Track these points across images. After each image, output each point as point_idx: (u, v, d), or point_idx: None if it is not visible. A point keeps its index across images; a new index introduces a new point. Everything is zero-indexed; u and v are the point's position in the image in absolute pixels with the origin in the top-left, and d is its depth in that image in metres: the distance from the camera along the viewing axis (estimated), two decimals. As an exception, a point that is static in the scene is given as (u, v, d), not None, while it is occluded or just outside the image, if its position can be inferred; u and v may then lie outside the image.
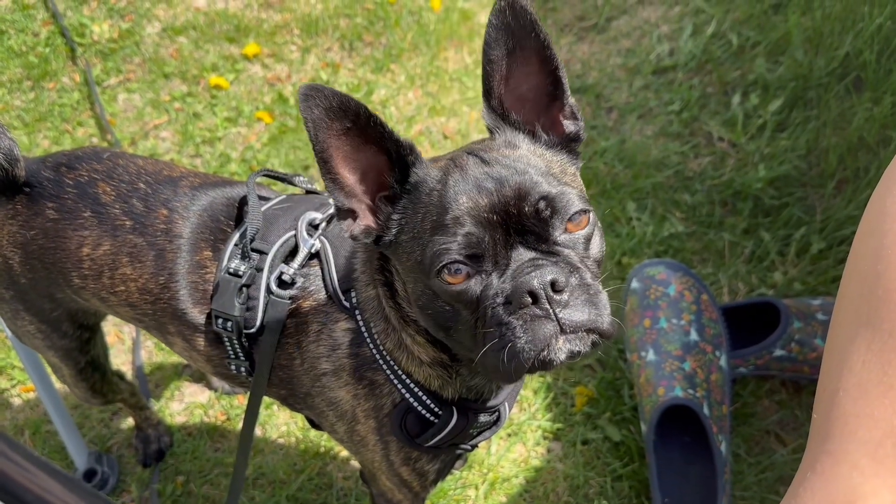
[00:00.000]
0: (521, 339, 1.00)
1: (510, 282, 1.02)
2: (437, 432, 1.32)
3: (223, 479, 2.13)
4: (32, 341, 1.65)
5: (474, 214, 1.03)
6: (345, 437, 1.42)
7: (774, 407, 2.17)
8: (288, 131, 2.90)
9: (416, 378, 1.29)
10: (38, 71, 3.14)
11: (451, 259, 1.02)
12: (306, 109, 1.00)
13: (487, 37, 1.07)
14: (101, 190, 1.42)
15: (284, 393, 1.42)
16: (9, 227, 1.46)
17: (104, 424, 2.26)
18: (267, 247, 1.34)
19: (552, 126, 1.16)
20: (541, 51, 1.08)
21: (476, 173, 1.07)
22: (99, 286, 1.42)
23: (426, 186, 1.10)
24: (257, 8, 3.34)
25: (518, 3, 1.04)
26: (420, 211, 1.09)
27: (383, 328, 1.27)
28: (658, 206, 2.58)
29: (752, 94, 2.81)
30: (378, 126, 1.05)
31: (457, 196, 1.05)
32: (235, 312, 1.32)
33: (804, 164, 2.61)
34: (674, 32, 3.11)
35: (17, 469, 0.66)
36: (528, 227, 1.04)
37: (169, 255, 1.38)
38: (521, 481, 2.10)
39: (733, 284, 2.38)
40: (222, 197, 1.44)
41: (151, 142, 2.91)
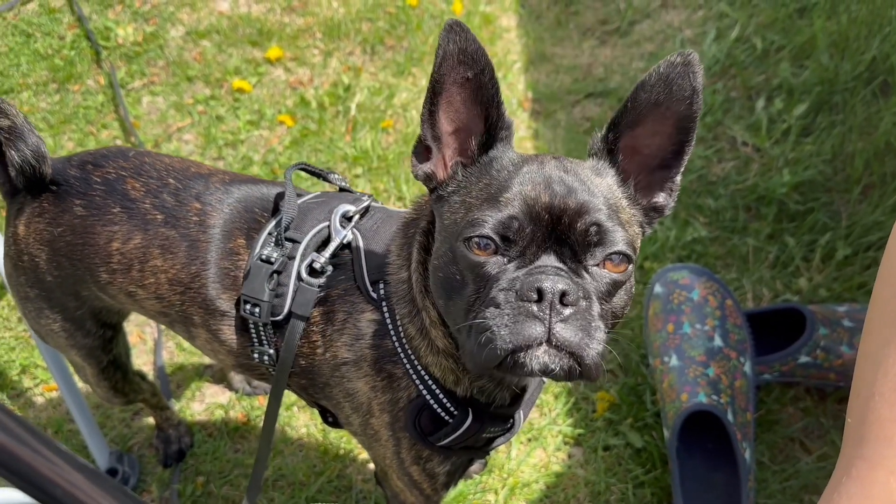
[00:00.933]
0: (506, 329, 1.00)
1: (525, 275, 1.02)
2: (450, 432, 1.31)
3: (243, 479, 2.13)
4: (56, 340, 1.66)
5: (529, 203, 1.05)
6: (359, 429, 1.43)
7: (799, 414, 2.14)
8: (310, 134, 2.91)
9: (434, 373, 1.29)
10: (63, 73, 3.18)
11: (485, 232, 1.04)
12: (445, 39, 1.04)
13: (647, 79, 1.07)
14: (129, 186, 1.44)
15: (305, 383, 1.43)
16: (35, 224, 1.47)
17: (125, 424, 2.27)
18: (300, 236, 1.36)
19: (646, 188, 1.17)
20: (685, 120, 1.09)
21: (552, 173, 1.08)
22: (127, 280, 1.43)
23: (500, 163, 1.13)
24: (280, 12, 3.36)
25: (693, 66, 1.05)
26: (483, 181, 1.12)
27: (408, 311, 1.27)
28: (681, 210, 2.56)
29: (776, 98, 2.78)
30: (494, 91, 1.08)
31: (523, 181, 1.07)
32: (265, 297, 1.33)
33: (829, 169, 2.57)
34: (697, 36, 3.08)
35: (46, 463, 0.65)
36: (570, 242, 1.04)
37: (202, 245, 1.39)
38: (541, 486, 2.08)
39: (757, 290, 2.35)
40: (256, 191, 1.46)
41: (175, 144, 2.93)
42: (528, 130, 2.92)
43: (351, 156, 2.82)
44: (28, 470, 0.65)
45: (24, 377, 2.38)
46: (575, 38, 3.20)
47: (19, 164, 1.41)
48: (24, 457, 0.64)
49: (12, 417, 0.64)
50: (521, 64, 3.13)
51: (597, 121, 2.88)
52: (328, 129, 2.93)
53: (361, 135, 2.90)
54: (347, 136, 2.91)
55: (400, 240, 1.31)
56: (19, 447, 0.64)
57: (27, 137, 1.39)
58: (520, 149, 2.82)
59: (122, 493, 0.69)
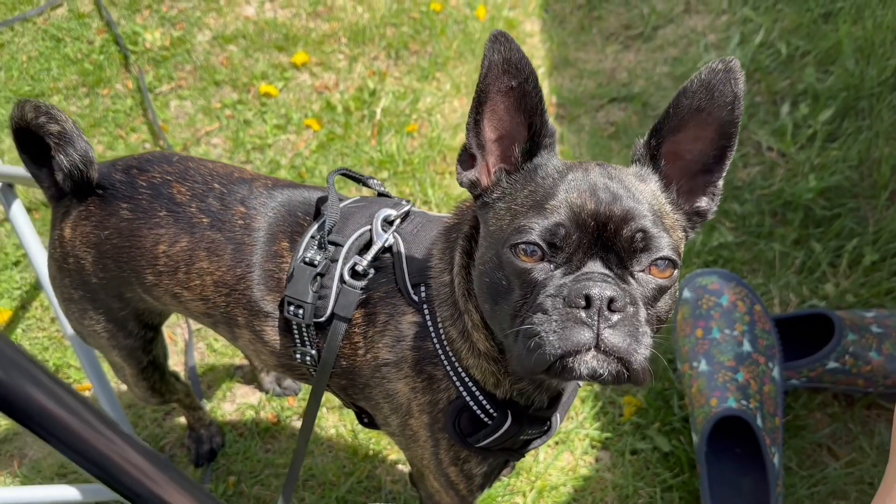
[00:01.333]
0: (555, 335, 1.02)
1: (572, 282, 1.04)
2: (489, 433, 1.33)
3: (274, 479, 2.16)
4: (98, 341, 1.69)
5: (575, 210, 1.06)
6: (397, 430, 1.45)
7: (827, 420, 2.15)
8: (336, 138, 2.94)
9: (474, 375, 1.31)
10: (92, 78, 3.22)
11: (532, 239, 1.05)
12: (490, 50, 1.06)
13: (689, 85, 1.10)
14: (175, 190, 1.47)
15: (345, 383, 1.45)
16: (82, 227, 1.50)
17: (157, 424, 2.30)
18: (343, 239, 1.38)
19: (688, 193, 1.19)
20: (727, 125, 1.11)
21: (597, 180, 1.10)
22: (173, 282, 1.46)
23: (545, 171, 1.15)
24: (305, 17, 3.39)
25: (735, 72, 1.08)
26: (528, 188, 1.14)
27: (450, 314, 1.29)
28: (706, 215, 2.57)
29: (801, 103, 2.78)
30: (538, 99, 1.11)
31: (568, 189, 1.09)
32: (308, 299, 1.36)
33: (856, 174, 2.58)
34: (721, 41, 3.09)
35: (115, 448, 0.67)
36: (616, 248, 1.06)
37: (247, 247, 1.42)
38: (568, 490, 2.10)
39: (784, 295, 2.36)
40: (298, 195, 1.49)
41: (203, 148, 2.97)
42: (553, 135, 2.94)
43: (376, 160, 2.85)
44: (104, 459, 0.66)
45: (57, 377, 2.42)
46: (598, 42, 3.22)
47: (68, 169, 1.44)
48: (100, 445, 0.66)
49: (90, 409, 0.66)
50: (545, 69, 3.15)
51: (621, 125, 2.89)
52: (354, 134, 2.96)
53: (387, 139, 2.93)
54: (373, 141, 2.94)
55: (442, 244, 1.34)
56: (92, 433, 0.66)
57: (76, 142, 1.42)
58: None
59: (189, 483, 0.72)
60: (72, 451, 0.62)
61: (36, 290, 2.61)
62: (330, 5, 3.43)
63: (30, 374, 0.59)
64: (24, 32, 3.43)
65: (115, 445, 0.63)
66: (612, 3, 3.34)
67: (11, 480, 2.22)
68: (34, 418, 0.59)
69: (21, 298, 2.60)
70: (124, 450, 0.65)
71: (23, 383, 0.59)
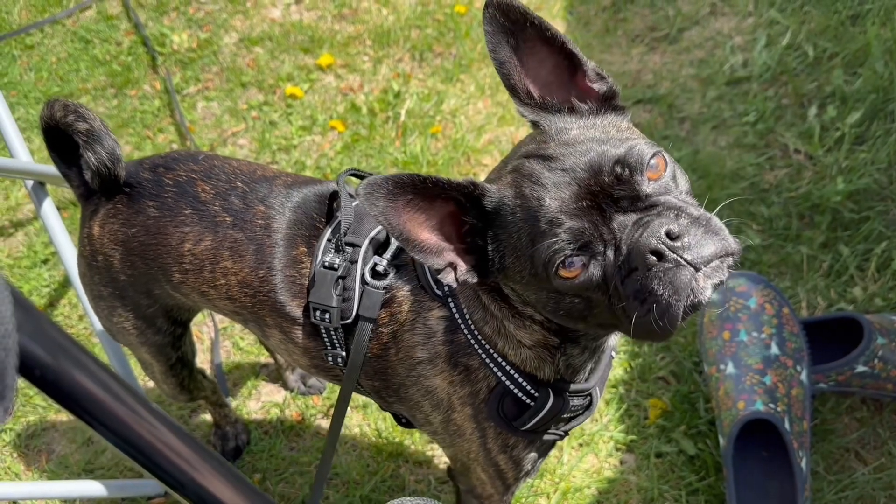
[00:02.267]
0: (665, 296, 1.00)
1: (628, 253, 1.02)
2: (534, 414, 1.33)
3: (298, 477, 2.17)
4: (127, 338, 1.71)
5: (565, 210, 1.05)
6: (440, 427, 1.45)
7: (855, 424, 2.13)
8: (360, 140, 2.95)
9: (512, 360, 1.30)
10: (121, 79, 3.26)
11: (563, 257, 1.04)
12: (372, 207, 1.03)
13: (489, 44, 1.13)
14: (199, 189, 1.48)
15: (378, 385, 1.45)
16: (110, 225, 1.52)
17: (183, 421, 2.33)
18: (359, 240, 1.38)
19: (586, 94, 1.18)
20: (542, 35, 1.13)
21: (546, 174, 1.08)
22: (200, 280, 1.47)
23: (506, 209, 1.11)
24: (331, 20, 3.42)
25: (504, 3, 1.10)
26: (512, 231, 1.10)
27: (481, 316, 1.29)
28: (733, 217, 2.56)
29: (829, 106, 2.76)
30: (435, 185, 1.06)
31: (540, 202, 1.06)
32: (333, 303, 1.36)
33: (885, 177, 2.55)
34: (747, 43, 3.07)
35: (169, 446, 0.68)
36: (617, 195, 1.05)
37: (268, 249, 1.43)
38: (593, 492, 2.09)
39: (812, 299, 2.34)
40: (314, 194, 1.49)
41: (230, 149, 3.00)
42: (577, 137, 2.93)
43: (401, 161, 2.86)
44: (159, 455, 0.67)
45: (85, 374, 2.45)
46: (623, 44, 3.21)
47: (96, 167, 1.46)
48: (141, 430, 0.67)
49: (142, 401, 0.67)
50: (570, 71, 3.15)
51: (646, 127, 2.88)
52: (378, 135, 2.97)
53: (411, 140, 2.94)
54: (397, 142, 2.95)
55: None
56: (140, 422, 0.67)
57: (104, 140, 1.44)
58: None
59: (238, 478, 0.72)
60: (117, 437, 0.63)
61: (64, 287, 2.65)
62: (355, 8, 3.45)
63: (78, 361, 0.60)
64: (53, 34, 3.49)
65: (159, 432, 0.64)
66: (637, 5, 3.33)
67: (39, 475, 2.24)
68: (81, 404, 0.60)
69: (49, 296, 2.64)
70: (168, 438, 0.66)
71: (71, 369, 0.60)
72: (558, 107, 1.17)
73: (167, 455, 0.65)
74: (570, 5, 3.40)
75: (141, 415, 0.63)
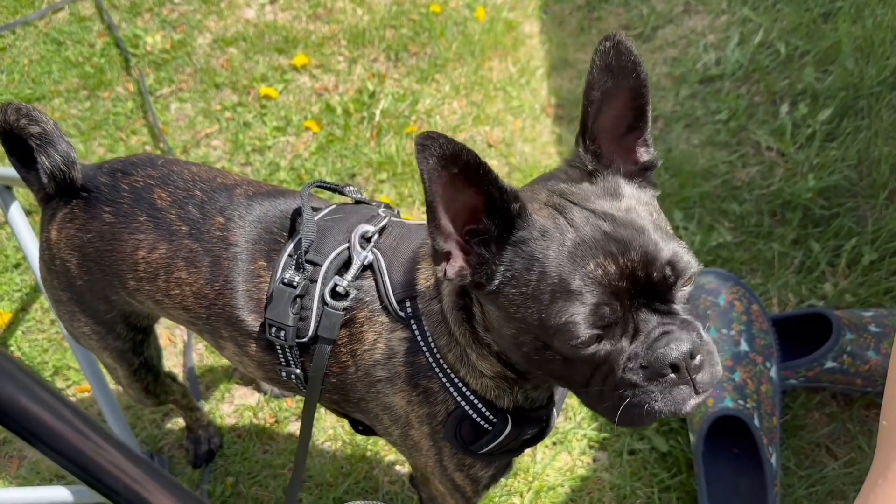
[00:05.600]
0: (659, 402, 1.06)
1: (645, 350, 1.05)
2: (491, 440, 1.33)
3: (272, 480, 2.16)
4: (88, 342, 1.69)
5: (604, 283, 1.02)
6: (398, 440, 1.44)
7: (825, 419, 2.14)
8: (335, 140, 2.94)
9: (473, 387, 1.30)
10: (93, 81, 3.24)
11: (585, 333, 1.03)
12: (422, 160, 0.98)
13: (591, 78, 1.08)
14: (156, 195, 1.46)
15: (337, 398, 1.44)
16: (66, 230, 1.50)
17: (156, 425, 2.31)
18: (321, 258, 1.36)
19: (626, 154, 1.16)
20: (637, 88, 1.10)
21: (594, 233, 1.05)
22: (154, 289, 1.45)
23: (537, 243, 1.07)
24: (305, 20, 3.40)
25: (623, 44, 1.06)
26: (533, 268, 1.06)
27: (446, 342, 1.28)
28: (706, 215, 2.57)
29: (800, 103, 2.78)
30: (485, 175, 1.02)
31: (583, 261, 1.03)
32: (289, 322, 1.34)
33: (855, 174, 2.57)
34: (720, 42, 3.09)
35: (98, 450, 0.68)
36: (654, 291, 1.06)
37: (224, 262, 1.41)
38: (566, 490, 2.09)
39: (783, 295, 2.35)
40: (276, 208, 1.46)
41: (203, 150, 2.98)
42: (552, 136, 2.94)
43: (376, 161, 2.86)
44: (86, 460, 0.67)
45: (57, 378, 2.43)
46: (597, 43, 3.21)
47: (49, 170, 1.43)
48: (82, 446, 0.66)
49: (75, 411, 0.67)
50: (544, 70, 3.16)
51: (620, 126, 2.89)
52: (353, 136, 2.96)
53: (386, 140, 2.93)
54: (372, 142, 2.94)
55: (426, 270, 1.31)
56: (77, 436, 0.66)
57: (57, 143, 1.42)
58: (545, 155, 2.86)
59: (176, 486, 0.72)
60: (48, 450, 0.62)
61: (36, 292, 2.62)
62: (330, 7, 3.44)
63: (6, 372, 0.59)
64: (25, 36, 3.45)
65: (92, 443, 0.63)
66: (611, 4, 3.34)
67: (10, 482, 2.22)
68: (11, 417, 0.60)
69: (21, 301, 2.61)
70: (103, 449, 0.65)
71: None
72: (607, 162, 1.15)
73: (103, 466, 0.64)
74: (544, 4, 3.40)
75: (75, 425, 0.62)
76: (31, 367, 2.45)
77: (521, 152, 2.89)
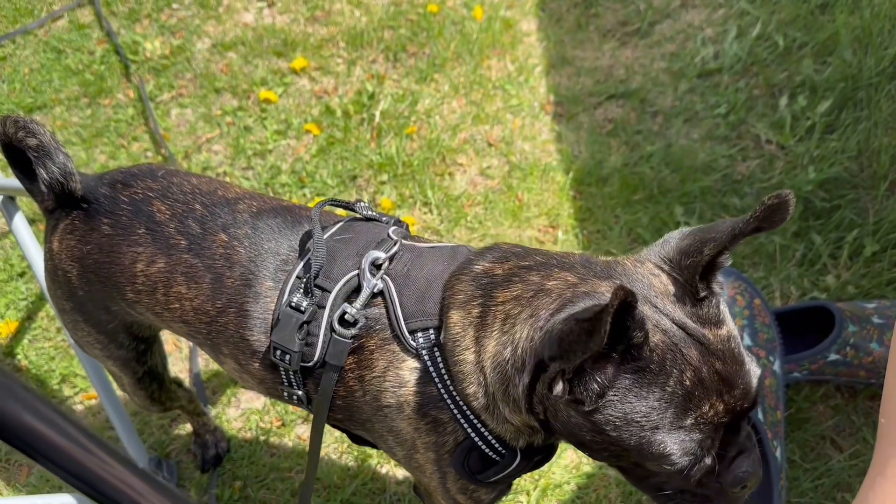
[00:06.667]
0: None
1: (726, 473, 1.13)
2: (499, 471, 1.32)
3: (279, 483, 2.17)
4: (92, 351, 1.70)
5: (714, 422, 1.08)
6: (402, 460, 1.44)
7: (829, 412, 2.15)
8: (336, 142, 2.95)
9: (490, 427, 1.28)
10: (94, 88, 3.25)
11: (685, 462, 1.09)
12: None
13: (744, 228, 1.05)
14: (155, 208, 1.45)
15: (342, 417, 1.43)
16: (67, 241, 1.51)
17: (163, 430, 2.33)
18: (330, 284, 1.34)
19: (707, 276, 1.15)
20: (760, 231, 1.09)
21: (709, 373, 1.06)
22: (153, 301, 1.45)
23: (656, 377, 1.05)
24: (304, 22, 3.41)
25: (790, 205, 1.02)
26: (648, 399, 1.06)
27: (474, 392, 1.25)
28: (706, 210, 2.57)
29: (799, 95, 2.78)
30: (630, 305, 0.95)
31: (699, 402, 1.06)
32: (295, 348, 1.33)
33: (855, 165, 2.57)
34: (718, 35, 3.09)
35: (98, 462, 0.69)
36: (741, 416, 1.12)
37: (227, 280, 1.40)
38: (572, 487, 2.10)
39: (785, 288, 2.36)
40: (282, 227, 1.45)
41: (204, 155, 2.99)
42: (552, 133, 2.94)
43: (376, 163, 2.86)
44: (88, 474, 0.68)
45: (64, 386, 2.45)
46: (595, 40, 3.22)
47: (48, 182, 1.44)
48: (84, 460, 0.67)
49: (71, 422, 0.68)
50: (542, 67, 3.16)
51: (619, 122, 2.89)
52: (353, 137, 2.97)
53: (386, 142, 2.94)
54: (372, 144, 2.95)
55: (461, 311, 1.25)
56: (80, 451, 0.67)
57: (54, 155, 1.42)
58: (544, 153, 2.86)
59: (172, 494, 0.73)
60: (54, 467, 0.63)
61: (41, 300, 2.64)
62: (328, 10, 3.45)
63: (7, 389, 0.60)
64: (25, 45, 3.47)
65: (96, 458, 0.64)
66: (608, 0, 3.34)
67: (20, 490, 2.24)
68: (12, 432, 0.61)
69: (27, 309, 2.63)
70: (107, 464, 0.66)
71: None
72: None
73: (104, 478, 0.65)
74: (542, 2, 3.40)
75: (74, 438, 0.63)
76: (38, 376, 2.46)
77: (521, 150, 2.90)
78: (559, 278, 1.20)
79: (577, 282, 1.18)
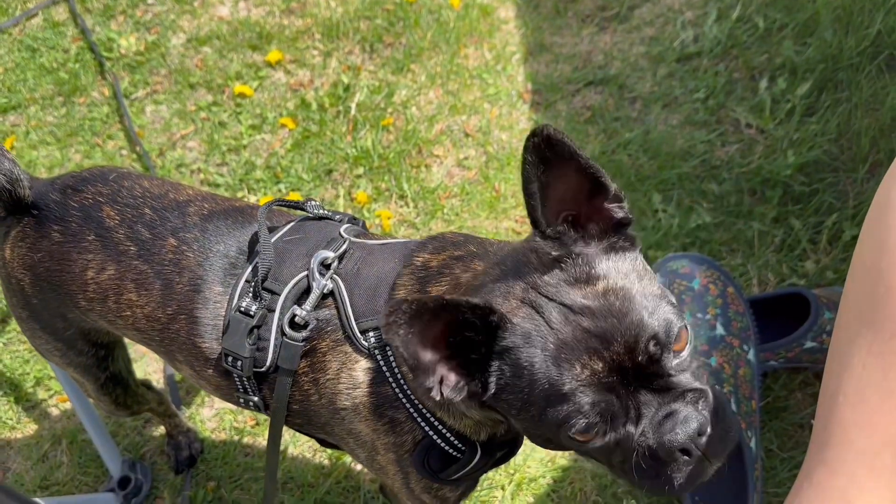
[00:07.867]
0: (678, 480, 1.05)
1: (653, 436, 1.03)
2: (460, 468, 1.31)
3: (253, 483, 2.16)
4: (52, 358, 1.68)
5: (594, 382, 1.01)
6: (365, 462, 1.42)
7: (808, 400, 2.12)
8: (311, 136, 2.92)
9: (449, 424, 1.27)
10: (69, 86, 3.22)
11: (582, 427, 1.02)
12: (393, 337, 0.95)
13: (526, 173, 1.02)
14: (105, 214, 1.43)
15: (301, 421, 1.42)
16: (19, 249, 1.49)
17: (137, 432, 2.31)
18: (279, 286, 1.31)
19: (598, 214, 1.11)
20: (580, 169, 1.05)
21: (574, 332, 1.02)
22: (105, 309, 1.43)
23: (522, 350, 1.04)
24: (279, 14, 3.37)
25: (553, 136, 0.99)
26: (523, 375, 1.04)
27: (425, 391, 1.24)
28: (684, 196, 2.54)
29: (779, 78, 2.73)
30: (456, 308, 0.99)
31: (569, 364, 1.01)
32: (245, 354, 1.31)
33: (835, 148, 2.53)
34: (698, 18, 3.04)
35: None
36: (645, 370, 1.03)
37: (177, 286, 1.37)
38: (548, 481, 2.08)
39: (763, 275, 2.32)
40: (232, 229, 1.42)
41: (179, 152, 2.96)
42: (529, 122, 2.91)
43: (352, 156, 2.83)
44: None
45: (38, 389, 2.43)
46: (574, 25, 3.17)
47: None
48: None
49: None
50: (520, 55, 3.11)
51: (597, 109, 2.85)
52: (329, 130, 2.93)
53: (362, 134, 2.90)
54: (348, 136, 2.92)
55: None
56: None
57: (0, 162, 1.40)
58: (520, 142, 2.81)
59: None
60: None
61: (16, 303, 2.62)
62: (303, 1, 3.40)
63: None
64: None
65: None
66: (587, -15, 3.29)
67: (-5, 494, 2.23)
68: None
69: (1, 312, 2.61)
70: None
71: None
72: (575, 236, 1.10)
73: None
74: (520, -12, 3.35)
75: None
76: (12, 379, 2.45)
77: (499, 140, 2.86)
78: (472, 269, 1.19)
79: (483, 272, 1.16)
